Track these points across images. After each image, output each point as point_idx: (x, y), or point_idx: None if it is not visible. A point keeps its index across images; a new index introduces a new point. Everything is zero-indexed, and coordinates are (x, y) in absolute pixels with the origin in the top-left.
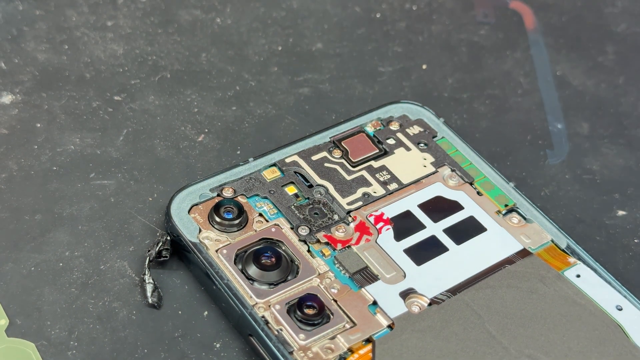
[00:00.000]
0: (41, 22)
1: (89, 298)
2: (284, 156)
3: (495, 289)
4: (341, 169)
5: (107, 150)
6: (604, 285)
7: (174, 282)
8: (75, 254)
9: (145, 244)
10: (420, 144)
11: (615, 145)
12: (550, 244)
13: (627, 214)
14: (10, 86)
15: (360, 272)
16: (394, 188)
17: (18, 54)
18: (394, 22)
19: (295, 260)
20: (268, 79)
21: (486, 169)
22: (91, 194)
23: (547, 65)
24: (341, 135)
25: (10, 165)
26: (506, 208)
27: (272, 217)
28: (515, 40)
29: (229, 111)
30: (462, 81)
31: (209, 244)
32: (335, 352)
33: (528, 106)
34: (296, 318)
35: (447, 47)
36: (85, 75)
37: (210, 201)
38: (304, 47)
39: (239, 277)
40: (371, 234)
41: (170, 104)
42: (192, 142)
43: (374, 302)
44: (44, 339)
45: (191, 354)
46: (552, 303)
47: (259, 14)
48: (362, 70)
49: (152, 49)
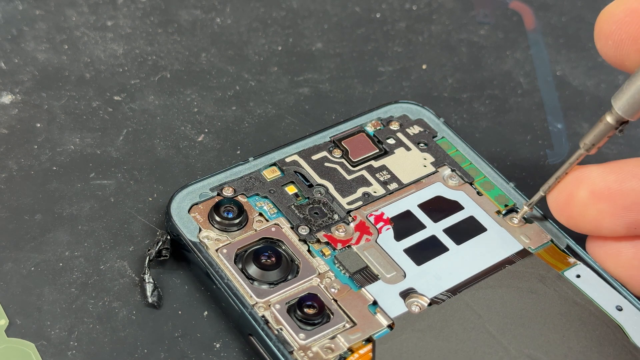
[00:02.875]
0: (41, 22)
1: (89, 298)
2: (284, 156)
3: (495, 289)
4: (341, 168)
5: (107, 150)
6: (604, 285)
7: (174, 282)
8: (75, 254)
9: (145, 244)
10: (420, 144)
11: (615, 146)
12: (550, 244)
13: None
14: (10, 86)
15: (361, 271)
16: (394, 188)
17: (18, 54)
18: (394, 22)
19: (295, 260)
20: (268, 79)
21: (486, 169)
22: (91, 194)
23: (547, 65)
24: (341, 135)
25: (10, 165)
26: (506, 208)
27: (272, 216)
28: (515, 40)
29: (229, 111)
30: (462, 81)
31: (209, 244)
32: (336, 352)
33: (528, 106)
34: (296, 318)
35: (447, 47)
36: (85, 75)
37: (210, 200)
38: (303, 47)
39: (239, 277)
40: (371, 234)
41: (170, 103)
42: (192, 142)
43: (374, 302)
44: (44, 339)
45: (191, 354)
46: (552, 303)
47: (259, 14)
48: (362, 70)
49: (152, 49)
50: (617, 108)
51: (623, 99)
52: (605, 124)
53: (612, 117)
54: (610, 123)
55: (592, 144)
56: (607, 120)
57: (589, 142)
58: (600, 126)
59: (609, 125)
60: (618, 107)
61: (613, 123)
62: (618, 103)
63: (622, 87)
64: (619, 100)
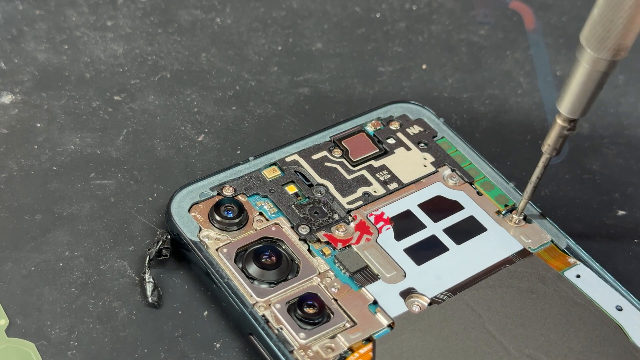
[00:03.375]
0: (41, 22)
1: (89, 298)
2: (284, 155)
3: (496, 289)
4: (341, 168)
5: (107, 150)
6: (603, 285)
7: (174, 281)
8: (75, 254)
9: (145, 243)
10: (420, 144)
11: (615, 145)
12: (550, 244)
13: (627, 214)
14: (10, 86)
15: (361, 271)
16: (394, 187)
17: (18, 54)
18: (394, 22)
19: (295, 260)
20: (268, 79)
21: (486, 169)
22: (91, 194)
23: (547, 65)
24: (341, 135)
25: (10, 165)
26: (506, 208)
27: (272, 216)
28: (515, 40)
29: (229, 111)
30: (462, 81)
31: (209, 243)
32: (336, 351)
33: (528, 106)
34: (296, 317)
35: (447, 47)
36: (85, 75)
37: (210, 200)
38: (303, 47)
39: (239, 276)
40: (371, 234)
41: (170, 103)
42: (192, 141)
43: (374, 302)
44: (44, 339)
45: (191, 354)
46: (552, 303)
47: (259, 14)
48: (362, 70)
49: (152, 48)
50: (563, 111)
51: (566, 101)
52: (558, 126)
53: (561, 119)
54: (562, 124)
55: (554, 147)
56: (558, 123)
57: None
58: (554, 130)
59: (561, 127)
60: (563, 109)
61: (565, 124)
62: (563, 106)
63: (562, 90)
64: (563, 104)
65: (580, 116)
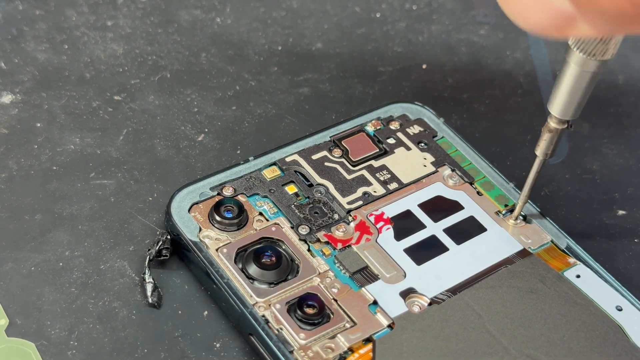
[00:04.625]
0: (41, 22)
1: (89, 298)
2: (284, 155)
3: (495, 289)
4: (341, 168)
5: (107, 150)
6: (603, 285)
7: (174, 281)
8: (75, 254)
9: (145, 243)
10: (420, 144)
11: (615, 145)
12: (550, 244)
13: (627, 214)
14: (10, 86)
15: (361, 271)
16: (394, 187)
17: (18, 54)
18: (394, 22)
19: (295, 260)
20: (268, 79)
21: (486, 169)
22: (91, 194)
23: (547, 65)
24: (341, 135)
25: (10, 165)
26: (506, 208)
27: (272, 216)
28: (515, 40)
29: (229, 111)
30: (462, 81)
31: (209, 243)
32: (336, 352)
33: (528, 106)
34: (296, 317)
35: (447, 47)
36: (85, 75)
37: (210, 200)
38: (303, 47)
39: (239, 276)
40: (371, 234)
41: (170, 103)
42: (192, 141)
43: (374, 302)
44: (44, 338)
45: (191, 354)
46: (552, 303)
47: (259, 13)
48: (362, 70)
49: (152, 48)
50: (555, 112)
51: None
52: (551, 130)
53: (554, 122)
54: (556, 127)
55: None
56: (551, 126)
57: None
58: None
59: (556, 129)
60: (555, 111)
61: (558, 126)
62: (554, 108)
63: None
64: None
65: (571, 118)
